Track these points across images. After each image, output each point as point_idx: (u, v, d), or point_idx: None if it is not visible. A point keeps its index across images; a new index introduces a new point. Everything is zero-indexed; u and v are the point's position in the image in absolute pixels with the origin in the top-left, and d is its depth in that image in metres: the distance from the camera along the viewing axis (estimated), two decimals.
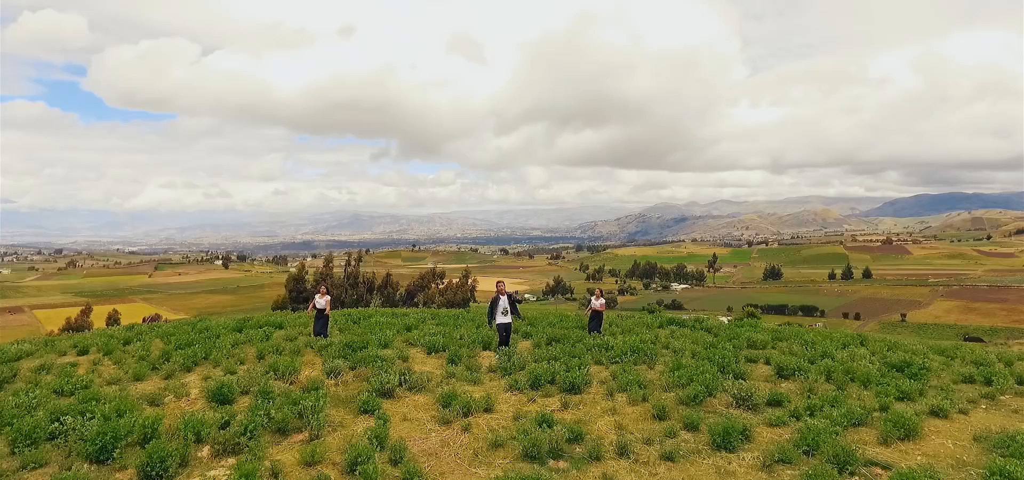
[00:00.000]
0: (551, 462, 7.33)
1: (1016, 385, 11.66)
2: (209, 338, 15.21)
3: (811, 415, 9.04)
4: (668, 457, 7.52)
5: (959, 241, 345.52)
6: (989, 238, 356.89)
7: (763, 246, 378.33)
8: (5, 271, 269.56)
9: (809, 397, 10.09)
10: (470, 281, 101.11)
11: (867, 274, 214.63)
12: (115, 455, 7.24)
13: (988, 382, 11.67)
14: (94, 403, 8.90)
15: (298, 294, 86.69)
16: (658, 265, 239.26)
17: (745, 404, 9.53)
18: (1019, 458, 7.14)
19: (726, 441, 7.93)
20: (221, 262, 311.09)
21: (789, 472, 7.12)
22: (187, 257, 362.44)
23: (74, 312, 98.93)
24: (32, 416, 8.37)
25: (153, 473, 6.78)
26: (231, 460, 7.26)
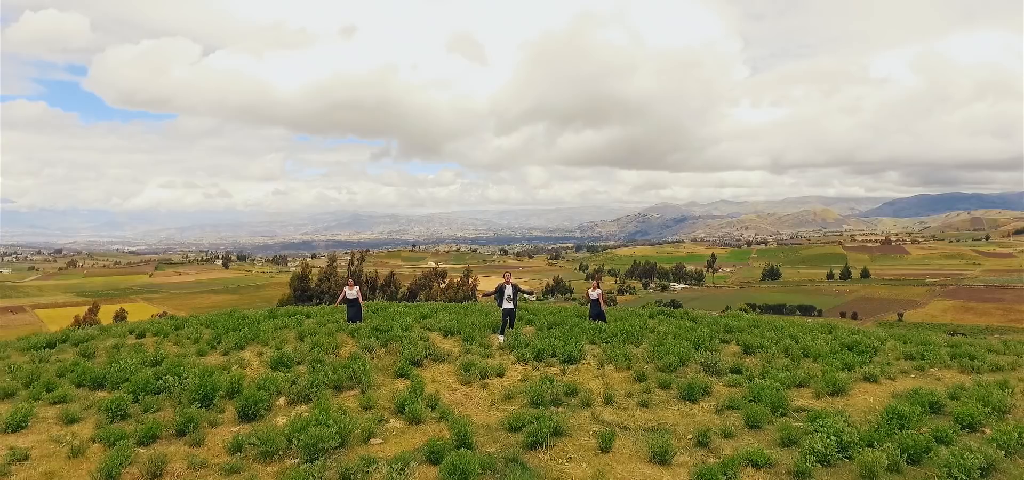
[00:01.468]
0: (552, 407, 9.43)
1: (949, 360, 13.76)
2: (250, 324, 17.28)
3: (763, 378, 11.15)
4: (643, 405, 9.65)
5: (958, 241, 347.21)
6: (987, 238, 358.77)
7: (762, 246, 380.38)
8: (5, 271, 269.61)
9: (766, 366, 12.20)
10: (471, 280, 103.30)
11: (865, 274, 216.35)
12: (214, 401, 9.36)
13: (923, 357, 13.78)
14: (181, 368, 11.00)
15: (302, 292, 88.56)
16: (657, 265, 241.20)
17: (710, 370, 11.65)
18: (912, 404, 9.25)
19: (690, 394, 10.06)
20: (221, 262, 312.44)
21: (735, 414, 9.23)
22: (187, 257, 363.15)
23: (81, 311, 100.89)
24: (141, 374, 10.49)
25: (249, 412, 8.90)
26: (304, 406, 9.37)
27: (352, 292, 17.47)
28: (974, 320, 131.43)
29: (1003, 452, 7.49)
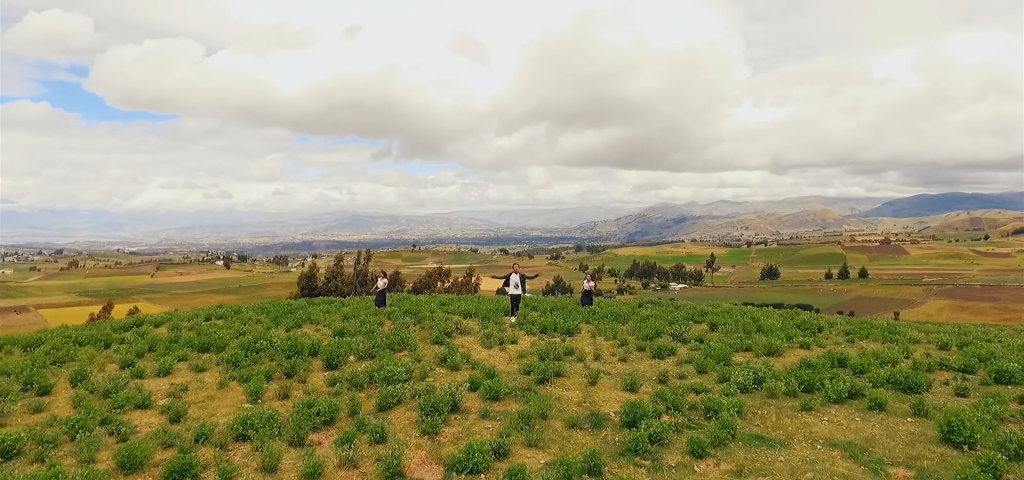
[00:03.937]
0: (555, 361, 12.64)
1: (878, 336, 16.91)
2: (301, 308, 20.49)
3: (718, 344, 14.35)
4: (623, 359, 12.91)
5: (957, 241, 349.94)
6: (986, 238, 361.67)
7: (762, 246, 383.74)
8: (8, 271, 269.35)
9: (723, 337, 15.40)
10: (474, 279, 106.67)
11: (863, 274, 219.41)
12: (303, 355, 12.57)
13: (857, 333, 16.93)
14: (267, 337, 14.18)
15: (310, 291, 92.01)
16: (657, 265, 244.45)
17: (678, 339, 14.90)
18: (823, 359, 12.44)
19: (659, 354, 13.30)
20: (222, 262, 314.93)
21: (689, 366, 12.47)
22: (188, 257, 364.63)
23: (95, 309, 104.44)
24: (238, 340, 13.70)
25: (332, 363, 12.13)
26: (370, 360, 12.58)
27: (383, 282, 20.77)
28: (969, 319, 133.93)
29: (871, 384, 10.67)
